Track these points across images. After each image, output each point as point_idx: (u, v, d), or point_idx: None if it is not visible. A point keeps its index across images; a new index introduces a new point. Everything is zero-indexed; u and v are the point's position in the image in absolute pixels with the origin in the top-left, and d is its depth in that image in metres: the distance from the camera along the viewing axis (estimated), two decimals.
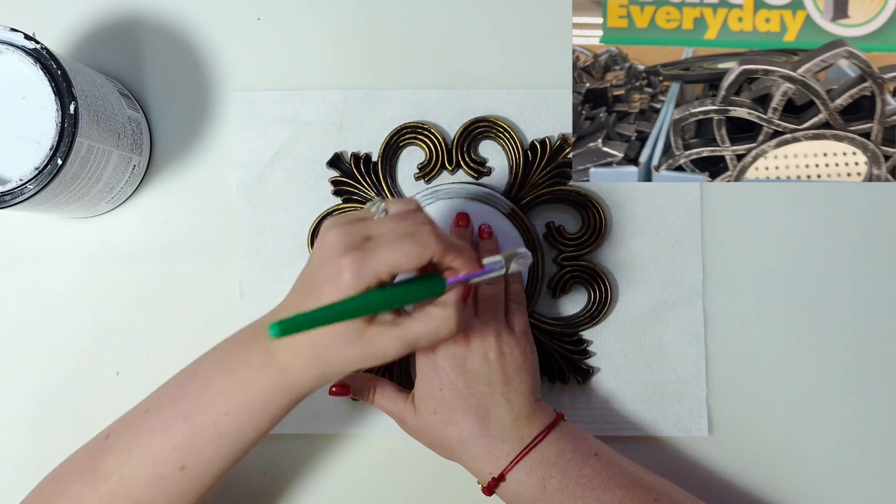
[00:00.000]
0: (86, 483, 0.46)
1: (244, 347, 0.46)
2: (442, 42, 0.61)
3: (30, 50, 0.50)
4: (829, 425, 0.59)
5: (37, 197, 0.50)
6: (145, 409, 0.48)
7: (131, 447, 0.46)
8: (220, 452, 0.46)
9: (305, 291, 0.44)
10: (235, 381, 0.45)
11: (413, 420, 0.53)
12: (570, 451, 0.51)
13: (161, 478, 0.46)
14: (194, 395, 0.46)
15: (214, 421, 0.45)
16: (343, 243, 0.43)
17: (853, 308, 0.60)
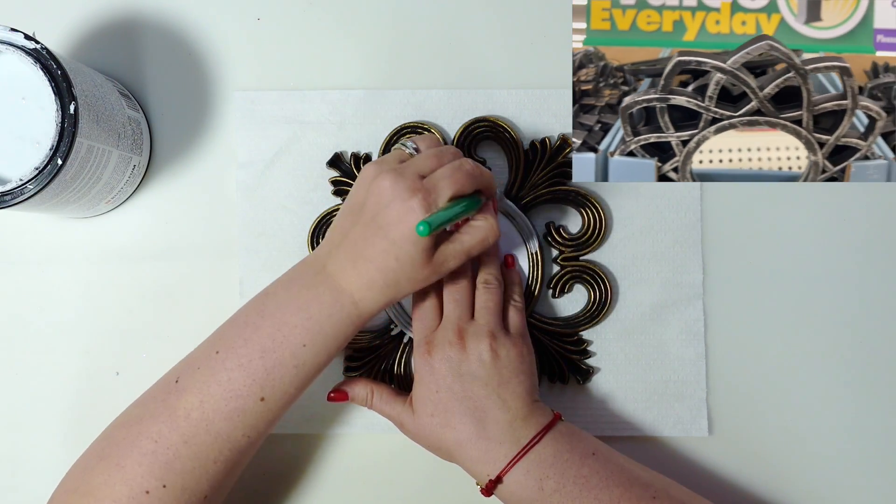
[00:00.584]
0: (165, 422, 0.48)
1: (310, 286, 0.50)
2: (442, 42, 0.61)
3: (30, 50, 0.50)
4: (829, 425, 0.59)
5: (37, 197, 0.50)
6: (214, 350, 0.49)
7: (209, 385, 0.48)
8: (295, 382, 0.49)
9: (371, 232, 0.48)
10: (310, 316, 0.49)
11: (411, 423, 0.53)
12: (568, 452, 0.51)
13: (242, 410, 0.48)
14: (268, 332, 0.49)
15: (293, 353, 0.49)
16: (404, 185, 0.48)
17: (853, 308, 0.60)
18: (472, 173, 0.50)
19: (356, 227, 0.49)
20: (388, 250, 0.48)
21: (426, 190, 0.48)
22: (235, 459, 0.49)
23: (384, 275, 0.49)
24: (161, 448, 0.47)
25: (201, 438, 0.48)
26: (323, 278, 0.50)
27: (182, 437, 0.48)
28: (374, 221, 0.48)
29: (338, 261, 0.50)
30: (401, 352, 0.59)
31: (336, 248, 0.50)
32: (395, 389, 0.56)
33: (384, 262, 0.48)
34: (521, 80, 0.61)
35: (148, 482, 0.47)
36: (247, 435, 0.49)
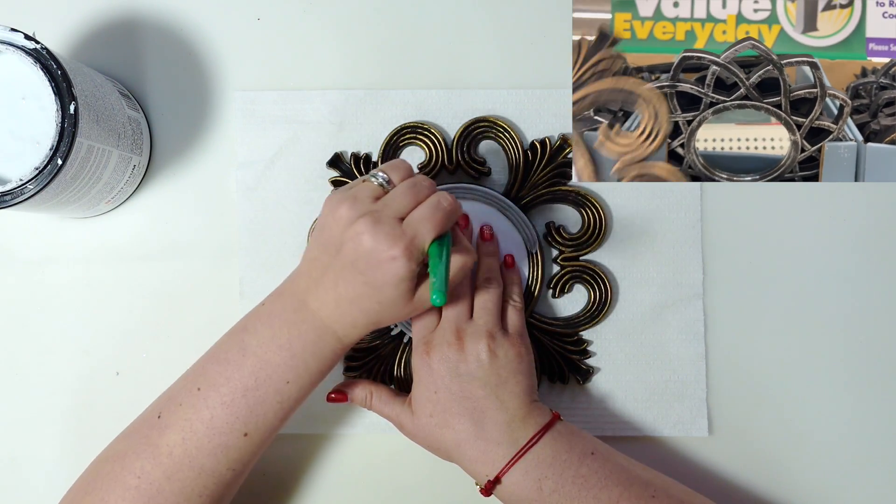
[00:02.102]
0: (148, 459, 0.48)
1: (293, 323, 0.49)
2: (442, 42, 0.61)
3: (30, 50, 0.50)
4: (829, 425, 0.59)
5: (37, 197, 0.50)
6: (196, 387, 0.49)
7: (191, 422, 0.49)
8: (279, 415, 0.50)
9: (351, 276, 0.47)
10: (293, 355, 0.49)
11: (410, 423, 0.53)
12: (566, 452, 0.51)
13: (225, 446, 0.49)
14: (251, 371, 0.49)
15: (276, 390, 0.49)
16: (384, 234, 0.46)
17: (853, 308, 0.60)
18: (449, 210, 0.49)
19: (334, 267, 0.48)
20: (371, 295, 0.48)
21: (408, 238, 0.47)
22: (221, 492, 0.50)
23: (367, 315, 0.49)
24: (144, 484, 0.48)
25: (185, 474, 0.48)
26: (305, 315, 0.49)
27: (165, 473, 0.48)
28: (353, 267, 0.47)
29: (319, 298, 0.49)
30: (400, 352, 0.59)
31: (315, 283, 0.49)
32: (395, 390, 0.56)
33: (367, 305, 0.48)
34: (521, 80, 0.61)
35: None
36: (231, 469, 0.49)
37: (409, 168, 0.51)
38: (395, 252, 0.46)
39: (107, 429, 0.56)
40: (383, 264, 0.47)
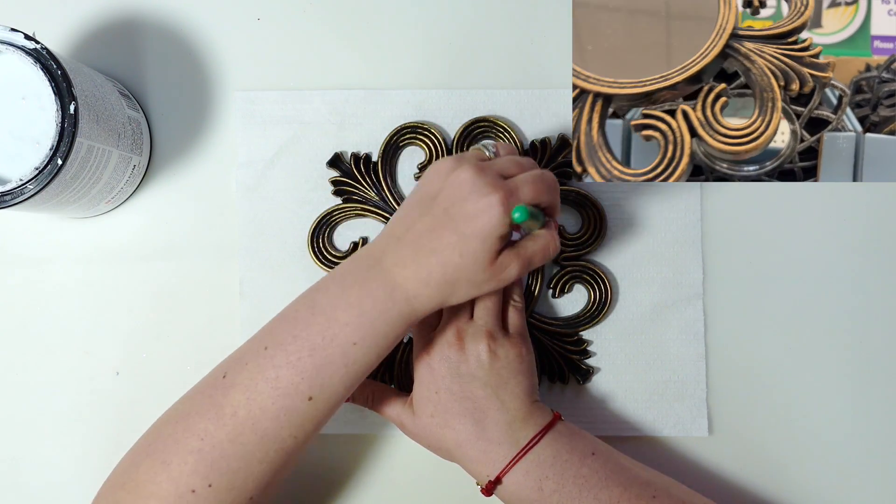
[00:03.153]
0: (212, 420, 0.47)
1: (364, 281, 0.48)
2: (442, 42, 0.61)
3: (30, 50, 0.50)
4: (829, 425, 0.59)
5: (37, 197, 0.50)
6: (263, 346, 0.48)
7: (256, 382, 0.47)
8: (345, 381, 0.48)
9: (440, 224, 0.47)
10: (361, 313, 0.47)
11: (411, 423, 0.53)
12: (567, 452, 0.51)
13: (289, 409, 0.47)
14: (318, 329, 0.47)
15: (343, 352, 0.47)
16: (485, 181, 0.46)
17: (853, 308, 0.60)
18: (553, 185, 0.49)
19: (424, 217, 0.48)
20: (456, 245, 0.46)
21: (508, 189, 0.46)
22: (282, 461, 0.48)
23: (444, 270, 0.47)
24: (207, 446, 0.47)
25: (248, 437, 0.47)
26: (377, 273, 0.48)
27: (228, 435, 0.47)
28: (445, 214, 0.47)
29: (396, 254, 0.48)
30: (401, 352, 0.59)
31: (396, 241, 0.48)
32: (396, 390, 0.56)
33: (448, 257, 0.47)
34: (521, 80, 0.61)
35: (194, 481, 0.46)
36: (293, 435, 0.48)
37: (514, 148, 0.53)
38: (493, 198, 0.46)
39: (107, 429, 0.56)
40: (479, 211, 0.46)
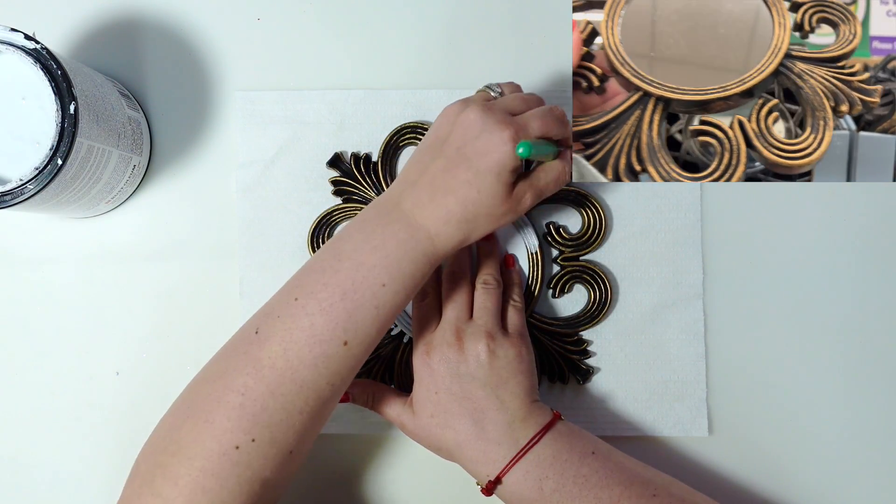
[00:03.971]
0: (251, 374, 0.47)
1: (386, 224, 0.49)
2: (442, 42, 0.61)
3: (30, 50, 0.50)
4: (829, 425, 0.59)
5: (37, 197, 0.50)
6: (293, 297, 0.48)
7: (291, 331, 0.47)
8: (376, 324, 0.48)
9: (454, 164, 0.48)
10: (387, 255, 0.48)
11: (412, 423, 0.53)
12: (567, 452, 0.51)
13: (326, 356, 0.47)
14: (348, 274, 0.48)
15: (373, 294, 0.48)
16: (494, 119, 0.48)
17: (853, 308, 0.60)
18: (561, 118, 0.51)
19: (437, 160, 0.49)
20: (472, 181, 0.48)
21: (517, 125, 0.48)
22: (319, 410, 0.48)
23: (464, 207, 0.48)
24: (248, 401, 0.46)
25: (287, 388, 0.47)
26: (398, 215, 0.49)
27: (268, 387, 0.47)
28: (458, 153, 0.48)
29: (414, 196, 0.49)
30: (401, 352, 0.59)
31: (412, 185, 0.49)
32: (396, 390, 0.56)
33: (466, 194, 0.48)
34: (521, 80, 0.61)
35: (237, 437, 0.46)
36: (331, 383, 0.48)
37: (519, 86, 0.54)
38: (504, 135, 0.47)
39: (107, 429, 0.56)
40: (490, 147, 0.47)
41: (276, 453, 0.47)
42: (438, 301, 0.55)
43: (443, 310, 0.55)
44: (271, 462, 0.47)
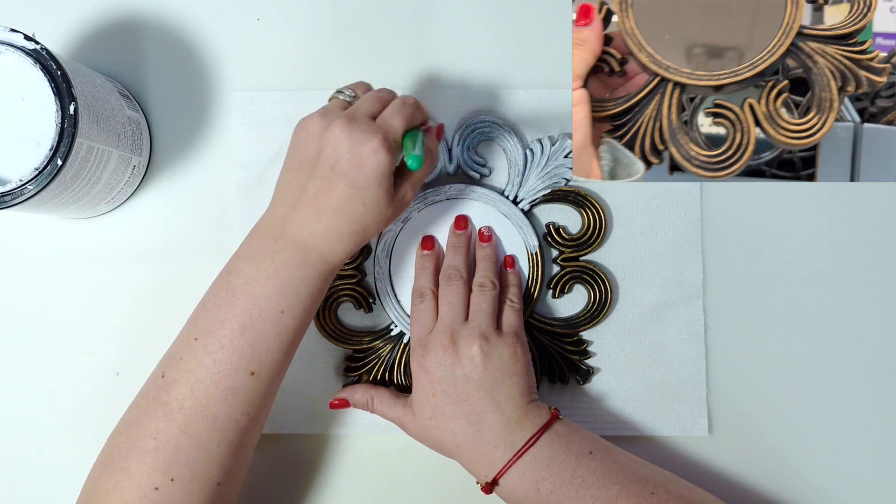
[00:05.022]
0: (161, 418, 0.48)
1: (276, 252, 0.49)
2: (442, 42, 0.61)
3: (30, 50, 0.50)
4: (829, 425, 0.59)
5: (37, 197, 0.50)
6: (193, 338, 0.49)
7: (196, 372, 0.48)
8: (281, 348, 0.49)
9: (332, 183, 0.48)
10: (282, 283, 0.48)
11: (412, 425, 0.54)
12: (564, 453, 0.51)
13: (234, 389, 0.48)
14: (244, 308, 0.48)
15: (273, 322, 0.48)
16: (360, 130, 0.48)
17: (853, 308, 0.60)
18: (417, 106, 0.51)
19: (313, 180, 0.48)
20: (355, 197, 0.48)
21: (383, 130, 0.48)
22: (239, 441, 0.49)
23: (353, 223, 0.48)
24: (161, 444, 0.47)
25: (200, 425, 0.47)
26: (286, 241, 0.49)
27: (180, 428, 0.47)
28: (334, 171, 0.48)
29: (300, 219, 0.49)
30: (400, 352, 0.59)
31: (292, 207, 0.49)
32: (395, 392, 0.56)
33: (352, 210, 0.48)
34: (521, 80, 0.61)
35: (155, 479, 0.47)
36: (246, 413, 0.48)
37: (368, 84, 0.54)
38: (374, 144, 0.47)
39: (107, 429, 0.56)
40: (364, 159, 0.47)
41: (200, 488, 0.47)
42: (436, 303, 0.55)
43: (438, 312, 0.55)
44: (197, 497, 0.47)
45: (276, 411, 0.59)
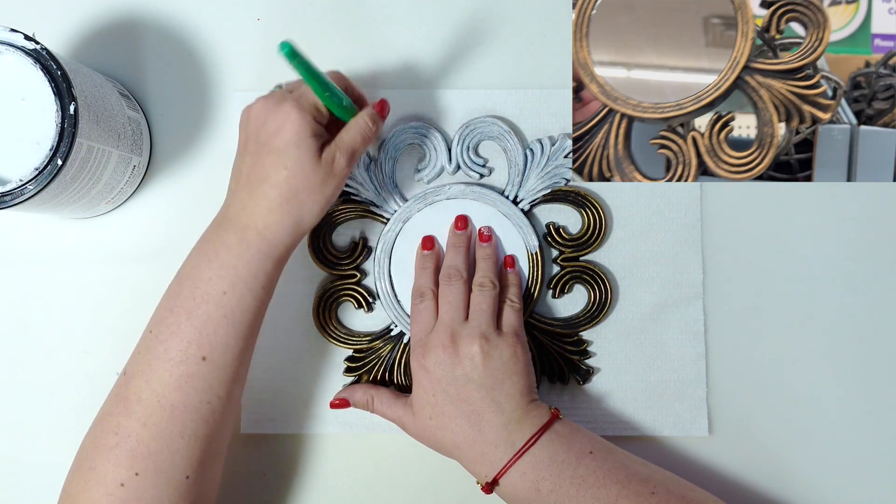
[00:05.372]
0: (121, 413, 0.48)
1: (217, 235, 0.50)
2: (442, 42, 0.61)
3: (30, 50, 0.50)
4: (829, 425, 0.59)
5: (37, 197, 0.50)
6: (148, 330, 0.50)
7: (150, 362, 0.49)
8: (230, 331, 0.49)
9: (257, 156, 0.50)
10: (221, 264, 0.49)
11: (412, 425, 0.54)
12: (564, 453, 0.51)
13: (188, 375, 0.48)
14: (188, 294, 0.49)
15: (217, 304, 0.49)
16: (273, 99, 0.50)
17: (853, 308, 0.60)
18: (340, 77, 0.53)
19: (244, 159, 0.51)
20: (277, 162, 0.49)
21: (295, 95, 0.50)
22: (204, 431, 0.49)
23: (279, 189, 0.49)
24: (122, 438, 0.47)
25: (158, 416, 0.48)
26: (227, 224, 0.50)
27: (139, 420, 0.47)
28: (257, 144, 0.50)
29: (237, 201, 0.50)
30: (400, 352, 0.59)
31: (233, 193, 0.51)
32: (396, 392, 0.56)
33: (276, 176, 0.49)
34: (521, 80, 0.61)
35: (119, 474, 0.47)
36: (206, 401, 0.48)
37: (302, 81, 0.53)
38: (285, 106, 0.49)
39: None
40: (279, 123, 0.49)
41: (166, 482, 0.47)
42: (436, 303, 0.55)
43: (438, 312, 0.55)
44: (164, 491, 0.47)
45: (276, 411, 0.59)
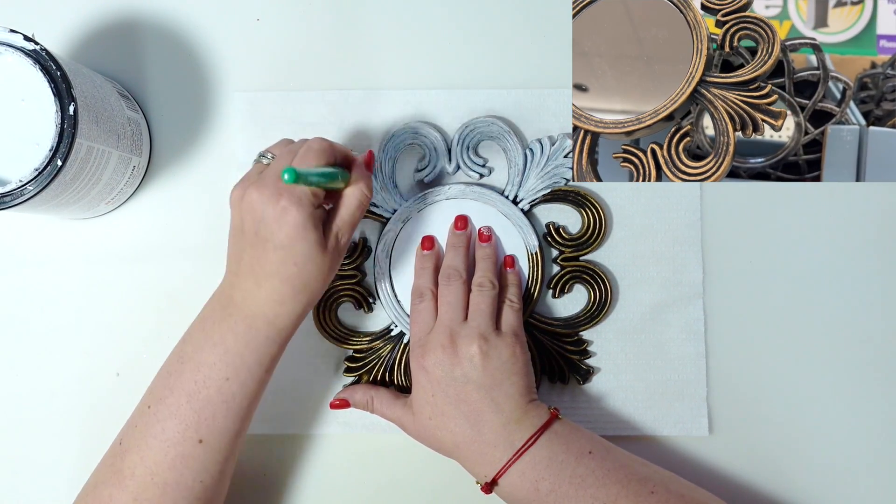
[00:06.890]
0: (114, 486, 0.49)
1: (222, 319, 0.49)
2: (442, 42, 0.61)
3: (29, 51, 0.50)
4: (829, 424, 0.59)
5: (37, 198, 0.50)
6: (147, 405, 0.50)
7: (147, 440, 0.49)
8: (229, 416, 0.49)
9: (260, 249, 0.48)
10: (227, 350, 0.49)
11: (412, 425, 0.54)
12: (563, 453, 0.51)
13: (183, 456, 0.48)
14: (189, 376, 0.49)
15: (218, 389, 0.49)
16: (269, 192, 0.47)
17: (853, 307, 0.59)
18: (318, 149, 0.50)
19: (246, 249, 0.49)
20: (285, 258, 0.47)
21: (287, 187, 0.47)
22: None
23: (291, 283, 0.48)
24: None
25: (150, 492, 0.48)
26: (233, 309, 0.49)
27: (131, 495, 0.48)
28: (258, 237, 0.48)
29: (242, 287, 0.49)
30: (401, 352, 0.59)
31: (236, 276, 0.50)
32: (395, 392, 0.56)
33: (286, 271, 0.48)
34: (521, 80, 0.61)
35: None
36: (199, 480, 0.49)
37: (288, 140, 0.53)
38: (283, 203, 0.47)
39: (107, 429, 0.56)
40: (280, 220, 0.47)
41: None
42: (435, 303, 0.55)
43: (438, 312, 0.55)
44: None
45: (276, 411, 0.59)
